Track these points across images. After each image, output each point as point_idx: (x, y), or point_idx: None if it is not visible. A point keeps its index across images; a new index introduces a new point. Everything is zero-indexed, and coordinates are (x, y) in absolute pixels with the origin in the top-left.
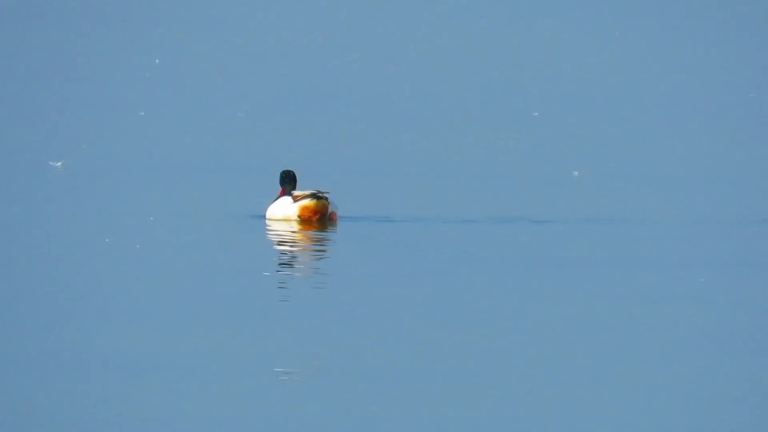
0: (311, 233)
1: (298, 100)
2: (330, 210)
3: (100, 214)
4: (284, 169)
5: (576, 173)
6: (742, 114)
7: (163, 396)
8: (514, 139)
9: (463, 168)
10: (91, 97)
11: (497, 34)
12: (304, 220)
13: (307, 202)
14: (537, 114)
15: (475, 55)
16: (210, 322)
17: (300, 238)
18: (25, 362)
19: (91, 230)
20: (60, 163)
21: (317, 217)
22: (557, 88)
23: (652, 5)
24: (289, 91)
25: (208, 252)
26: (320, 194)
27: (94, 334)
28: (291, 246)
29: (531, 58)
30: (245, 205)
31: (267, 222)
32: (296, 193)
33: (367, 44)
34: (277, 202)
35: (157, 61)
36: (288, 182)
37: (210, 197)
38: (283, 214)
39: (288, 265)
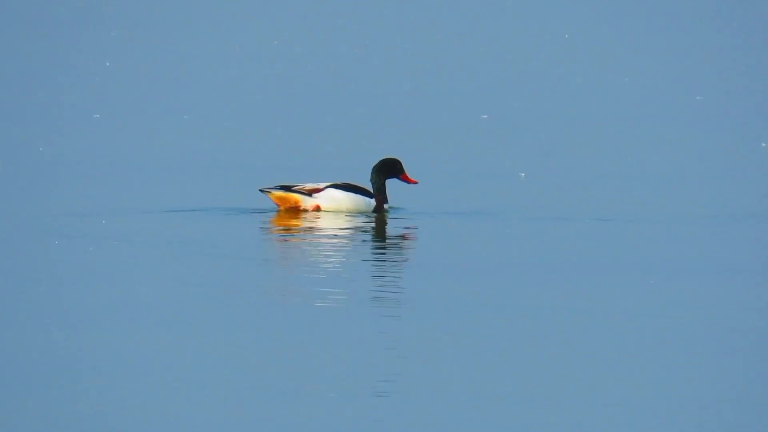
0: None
1: (248, 101)
2: (306, 204)
3: (46, 213)
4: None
5: (522, 175)
6: (690, 117)
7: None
8: (463, 140)
9: (419, 167)
10: (41, 100)
11: (452, 38)
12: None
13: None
14: (486, 117)
15: (430, 57)
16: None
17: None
18: None
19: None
20: None
21: (283, 208)
22: (503, 91)
23: (602, 8)
24: (238, 93)
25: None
26: (267, 188)
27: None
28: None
29: (481, 59)
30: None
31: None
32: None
33: (325, 49)
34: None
35: (107, 63)
36: (373, 172)
37: (165, 195)
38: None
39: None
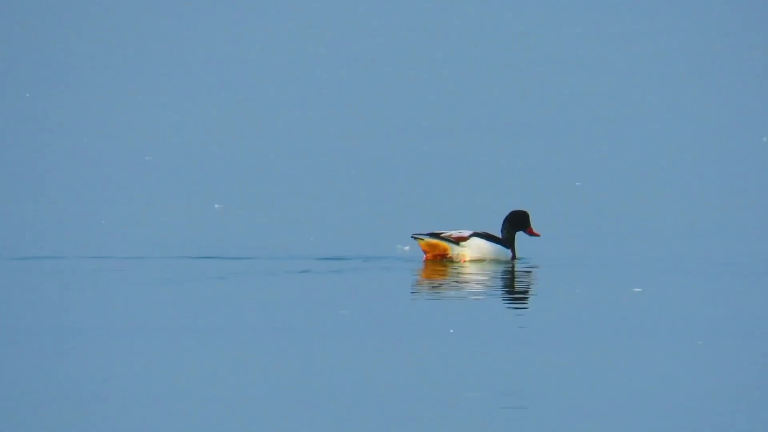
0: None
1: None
2: (455, 253)
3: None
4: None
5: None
6: (633, 131)
7: None
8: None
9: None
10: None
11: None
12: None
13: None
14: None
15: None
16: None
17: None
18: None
19: None
20: None
21: (429, 255)
22: (447, 125)
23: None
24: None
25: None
26: (420, 235)
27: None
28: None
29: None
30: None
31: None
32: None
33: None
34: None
35: (27, 95)
36: (505, 222)
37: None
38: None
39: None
